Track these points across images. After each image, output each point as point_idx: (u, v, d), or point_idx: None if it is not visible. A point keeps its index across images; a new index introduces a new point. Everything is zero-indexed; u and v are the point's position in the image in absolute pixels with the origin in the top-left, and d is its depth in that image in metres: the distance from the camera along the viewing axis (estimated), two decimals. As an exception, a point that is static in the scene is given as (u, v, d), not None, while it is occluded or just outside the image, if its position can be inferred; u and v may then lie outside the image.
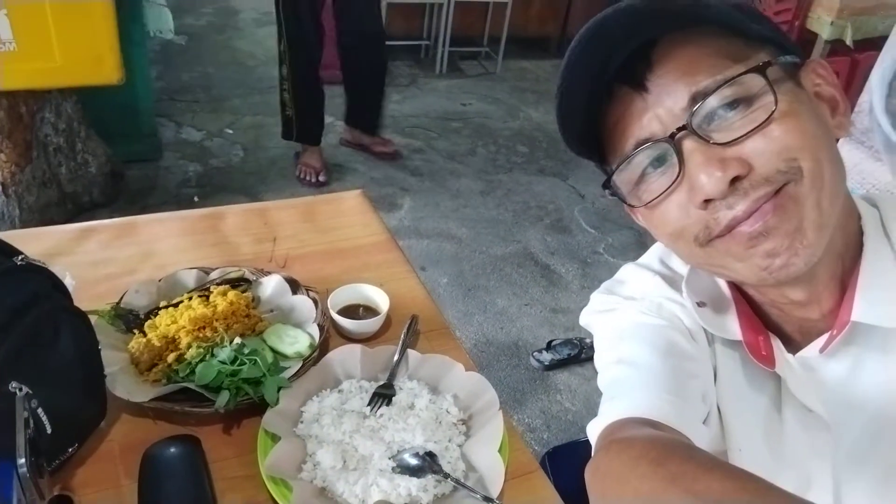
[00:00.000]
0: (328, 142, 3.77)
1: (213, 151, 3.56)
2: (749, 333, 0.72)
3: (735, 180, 0.60)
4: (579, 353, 2.38)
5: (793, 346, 0.72)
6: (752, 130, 0.59)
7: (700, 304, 0.75)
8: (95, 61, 2.26)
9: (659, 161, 0.64)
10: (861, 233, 0.69)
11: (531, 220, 3.29)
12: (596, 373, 0.76)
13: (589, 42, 0.62)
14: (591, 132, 0.70)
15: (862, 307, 0.65)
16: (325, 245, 1.28)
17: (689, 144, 0.61)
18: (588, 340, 2.39)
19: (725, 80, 0.60)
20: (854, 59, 3.58)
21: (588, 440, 0.69)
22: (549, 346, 2.43)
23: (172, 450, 0.83)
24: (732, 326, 0.73)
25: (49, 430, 0.72)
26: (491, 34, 5.15)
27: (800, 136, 0.60)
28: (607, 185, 0.70)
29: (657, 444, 0.60)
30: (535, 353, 2.42)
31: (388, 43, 3.90)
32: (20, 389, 0.68)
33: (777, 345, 0.72)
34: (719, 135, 0.61)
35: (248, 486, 0.81)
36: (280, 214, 1.36)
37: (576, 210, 3.40)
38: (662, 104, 0.62)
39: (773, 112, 0.59)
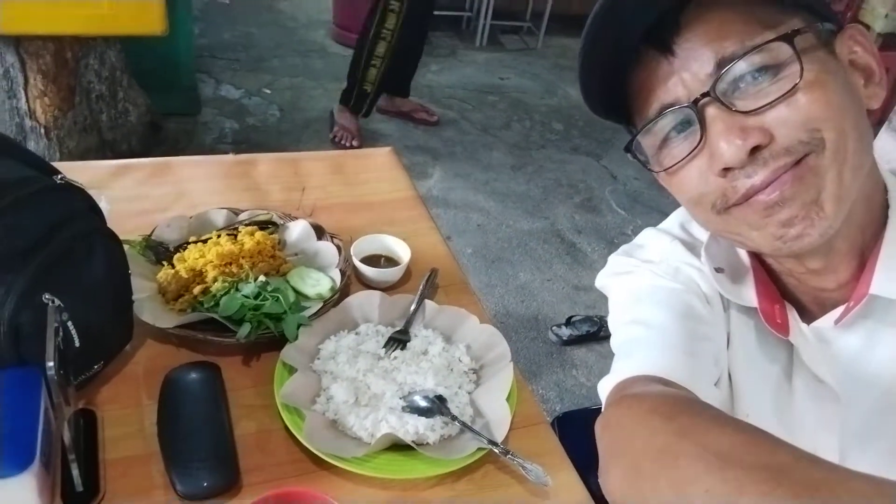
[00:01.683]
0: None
1: (250, 110, 3.60)
2: (765, 301, 0.72)
3: (755, 150, 0.60)
4: (598, 331, 2.38)
5: (808, 316, 0.72)
6: (775, 99, 0.59)
7: (718, 270, 0.75)
8: (140, 11, 2.30)
9: (682, 126, 0.64)
10: (887, 206, 0.69)
11: (561, 197, 3.28)
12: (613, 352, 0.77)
13: (616, 3, 0.61)
14: (615, 95, 0.70)
15: (881, 280, 0.65)
16: (352, 198, 1.30)
17: (711, 111, 0.61)
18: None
19: (753, 47, 0.59)
20: (907, 54, 3.48)
21: (598, 408, 0.70)
22: (568, 322, 2.44)
23: (193, 374, 0.86)
24: (749, 293, 0.73)
25: (77, 344, 0.75)
26: (534, 9, 5.10)
27: (824, 107, 0.59)
28: (629, 148, 0.70)
29: (668, 400, 0.61)
30: (553, 328, 2.43)
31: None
32: (53, 301, 0.71)
33: (792, 314, 0.72)
34: (743, 102, 0.60)
35: (263, 415, 0.84)
36: (310, 165, 1.39)
37: (607, 190, 3.38)
38: (688, 69, 0.62)
39: (798, 82, 0.58)
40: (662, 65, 0.64)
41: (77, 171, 0.84)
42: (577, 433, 0.86)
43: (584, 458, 0.81)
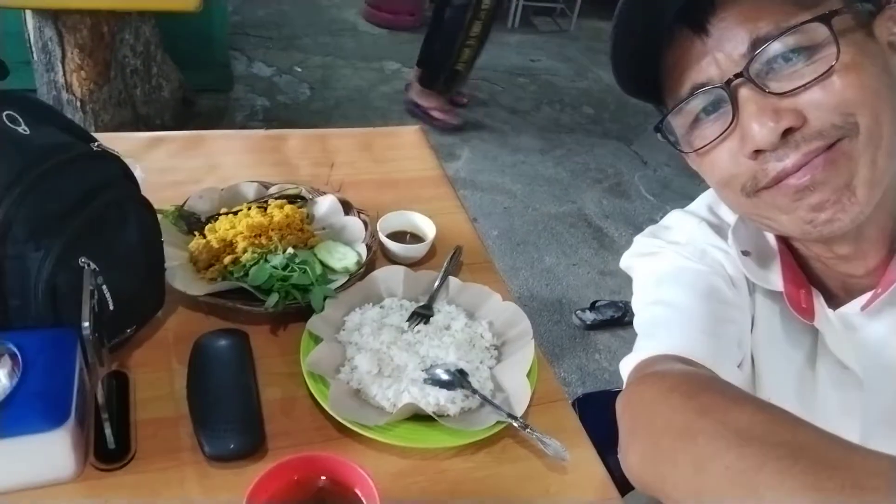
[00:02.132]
0: (393, 87, 3.80)
1: (281, 88, 3.63)
2: (791, 286, 0.72)
3: (788, 132, 0.59)
4: (623, 316, 2.38)
5: (834, 302, 0.72)
6: (810, 82, 0.58)
7: (745, 253, 0.75)
8: (176, -13, 2.33)
9: (713, 107, 0.64)
10: None
11: (589, 181, 3.26)
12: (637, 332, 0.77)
13: None
14: (647, 74, 0.69)
15: None
16: (380, 175, 1.32)
17: (744, 92, 0.60)
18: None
19: (788, 28, 0.58)
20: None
21: (619, 390, 0.70)
22: (592, 306, 2.44)
23: (222, 341, 0.88)
24: (775, 277, 0.73)
25: (111, 307, 0.77)
26: (568, -9, 5.04)
27: (860, 91, 0.58)
28: (659, 127, 0.70)
29: (689, 378, 0.61)
30: (577, 312, 2.43)
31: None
32: (88, 265, 0.74)
33: (818, 299, 0.72)
34: (777, 84, 0.59)
35: (289, 383, 0.86)
36: (339, 142, 1.40)
37: (636, 176, 3.35)
38: (722, 48, 0.61)
39: (833, 64, 0.57)
40: (696, 44, 0.63)
41: (112, 142, 0.85)
42: (598, 414, 0.87)
43: (604, 439, 0.81)
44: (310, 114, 3.44)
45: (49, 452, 0.70)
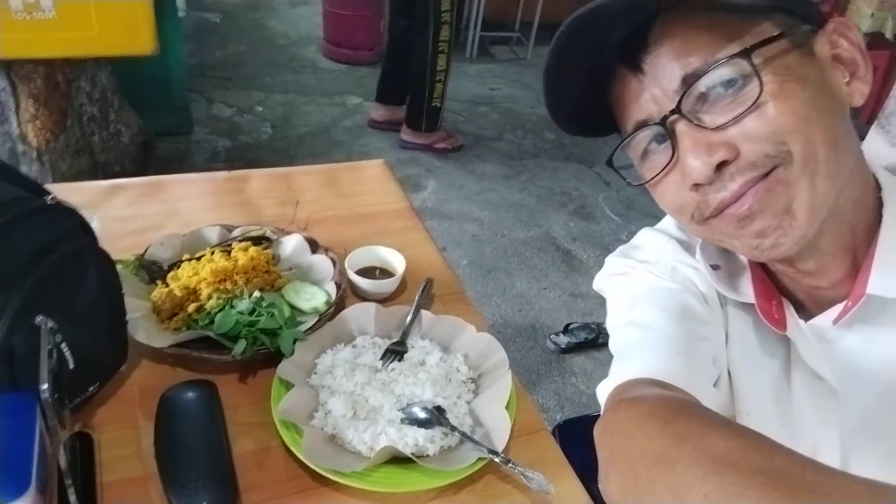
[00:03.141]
0: (355, 122, 3.80)
1: (242, 128, 3.61)
2: (762, 297, 0.72)
3: (722, 165, 0.60)
4: (596, 338, 2.38)
5: (805, 313, 0.72)
6: (739, 114, 0.59)
7: (714, 267, 0.75)
8: (131, 32, 2.30)
9: (661, 138, 0.65)
10: (880, 204, 0.68)
11: (555, 205, 3.29)
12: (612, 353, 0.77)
13: (584, 22, 0.60)
14: (588, 109, 0.70)
15: (878, 280, 0.64)
16: (346, 210, 1.30)
17: (680, 127, 0.62)
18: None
19: (715, 62, 0.59)
20: (894, 52, 3.50)
21: (598, 415, 0.69)
22: (566, 330, 2.44)
23: (189, 393, 0.85)
24: (746, 289, 0.73)
25: (71, 366, 0.74)
26: (523, 19, 5.13)
27: (790, 119, 0.59)
28: (610, 161, 0.71)
29: (665, 403, 0.61)
30: (552, 336, 2.42)
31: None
32: (46, 323, 0.71)
33: (789, 310, 0.72)
34: (710, 117, 0.61)
35: (261, 433, 0.83)
36: (303, 179, 1.38)
37: (600, 197, 3.39)
38: (658, 85, 0.62)
39: (758, 96, 0.58)
40: (633, 82, 0.64)
41: (69, 193, 0.83)
42: (578, 440, 0.85)
43: (586, 466, 0.80)
44: (272, 152, 3.42)
45: (9, 524, 0.66)
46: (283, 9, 5.49)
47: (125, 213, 1.22)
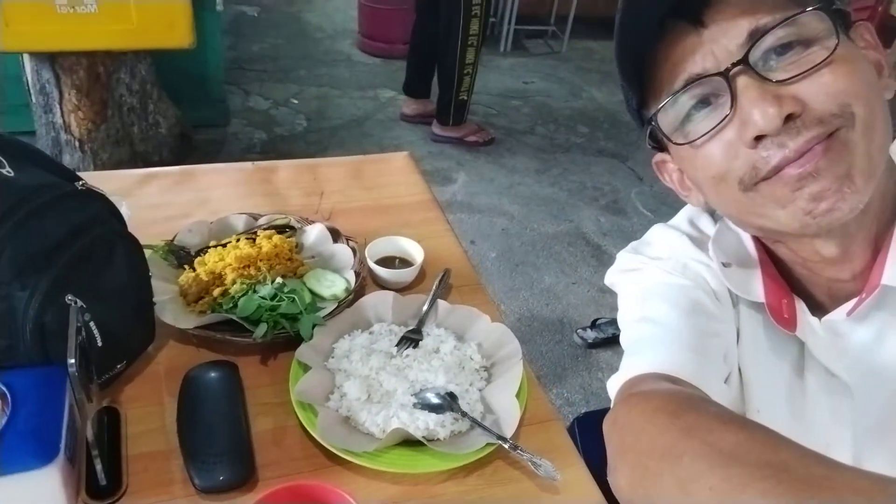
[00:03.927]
0: (388, 115, 3.84)
1: (278, 120, 3.67)
2: (772, 296, 0.72)
3: (788, 119, 0.58)
4: (624, 333, 2.36)
5: (819, 309, 0.72)
6: (809, 70, 0.59)
7: (725, 265, 0.75)
8: (169, 26, 2.37)
9: (704, 102, 0.63)
10: None
11: (586, 200, 3.27)
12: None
13: None
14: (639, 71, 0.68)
15: (893, 271, 0.64)
16: (369, 201, 1.33)
17: (743, 80, 0.60)
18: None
19: (786, 18, 0.59)
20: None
21: None
22: (593, 325, 2.43)
23: (212, 373, 0.88)
24: (756, 288, 0.73)
25: (99, 343, 0.78)
26: (558, 13, 5.10)
27: (857, 82, 0.59)
28: (653, 119, 0.68)
29: (675, 398, 0.61)
30: (578, 331, 2.42)
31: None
32: (75, 302, 0.75)
33: (801, 307, 0.71)
34: (775, 73, 0.60)
35: (280, 412, 0.86)
36: (329, 171, 1.41)
37: (633, 192, 3.36)
38: (718, 41, 0.61)
39: (831, 54, 0.58)
40: (691, 37, 0.62)
41: (105, 180, 0.87)
42: (599, 434, 0.86)
43: (604, 459, 0.81)
44: (306, 144, 3.47)
45: (39, 490, 0.70)
46: (320, 2, 5.55)
47: (158, 201, 1.26)
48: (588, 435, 1.20)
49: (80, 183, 0.80)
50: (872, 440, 0.69)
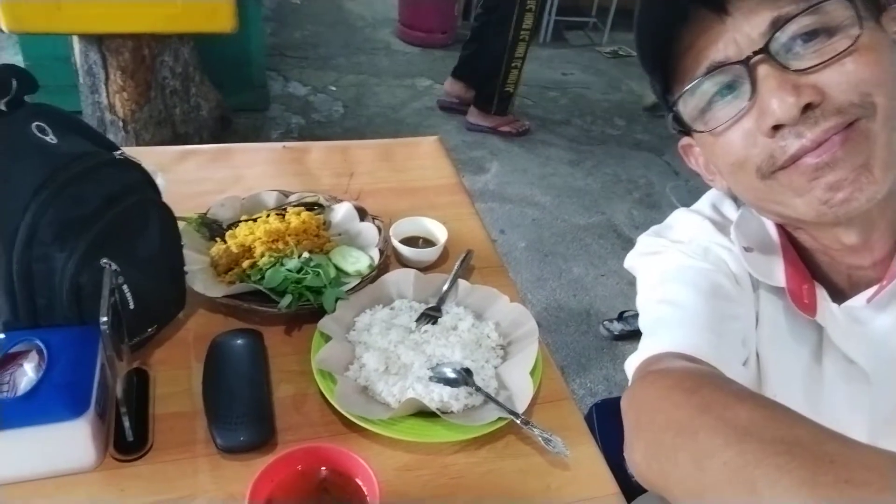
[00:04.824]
0: (424, 104, 3.85)
1: (315, 106, 3.72)
2: (793, 281, 0.72)
3: (807, 108, 0.59)
4: (651, 326, 2.35)
5: (840, 296, 0.72)
6: (830, 59, 0.58)
7: (747, 249, 0.75)
8: (212, 10, 2.42)
9: (728, 89, 0.64)
10: None
11: (619, 193, 3.25)
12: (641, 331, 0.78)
13: None
14: (662, 57, 0.69)
15: None
16: (397, 183, 1.35)
17: (763, 69, 0.61)
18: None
19: (809, 6, 0.59)
20: None
21: None
22: (620, 317, 2.43)
23: (238, 340, 0.92)
24: (777, 273, 0.73)
25: (132, 306, 0.82)
26: (600, 4, 5.05)
27: (879, 72, 0.58)
28: (675, 104, 0.69)
29: (691, 375, 0.61)
30: (605, 322, 2.42)
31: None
32: (109, 265, 0.78)
33: (821, 294, 0.71)
34: (796, 62, 0.60)
35: (301, 380, 0.89)
36: (360, 153, 1.44)
37: (668, 187, 3.33)
38: (741, 28, 0.62)
39: (855, 41, 0.58)
40: (715, 24, 0.63)
41: (145, 155, 0.91)
42: (616, 419, 0.87)
43: (622, 443, 0.82)
44: (343, 131, 3.51)
45: (70, 441, 0.74)
46: (362, -10, 5.60)
47: (194, 177, 1.30)
48: (605, 421, 1.21)
49: (119, 153, 0.84)
50: (889, 427, 0.69)
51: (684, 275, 0.76)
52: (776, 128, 0.61)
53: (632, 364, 0.73)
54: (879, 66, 0.59)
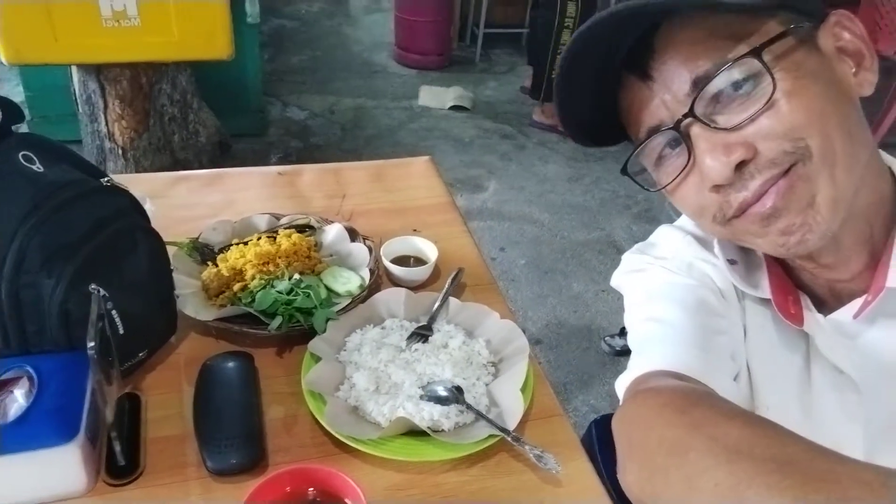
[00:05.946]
0: (421, 125, 3.87)
1: (314, 130, 3.75)
2: (778, 292, 0.72)
3: (742, 164, 0.60)
4: (652, 341, 2.34)
5: (825, 307, 0.72)
6: (754, 113, 0.59)
7: (731, 262, 0.75)
8: (208, 37, 2.45)
9: (675, 142, 0.65)
10: None
11: (618, 208, 3.26)
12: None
13: (592, 31, 0.62)
14: (598, 118, 0.71)
15: None
16: (389, 203, 1.36)
17: (695, 130, 0.62)
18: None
19: (724, 64, 0.59)
20: None
21: None
22: (622, 332, 2.42)
23: (228, 363, 0.92)
24: (763, 284, 0.73)
25: (121, 331, 0.82)
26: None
27: (805, 114, 0.59)
28: (625, 170, 0.72)
29: (682, 393, 0.62)
30: (606, 338, 2.41)
31: (487, 31, 4.01)
32: (98, 291, 0.79)
33: (806, 303, 0.72)
34: (724, 118, 0.61)
35: (292, 402, 0.89)
36: (352, 174, 1.45)
37: (667, 202, 3.31)
38: (668, 90, 0.63)
39: (771, 94, 0.58)
40: (642, 89, 0.65)
41: (140, 182, 0.92)
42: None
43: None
44: (341, 153, 3.53)
45: (61, 466, 0.74)
46: (359, 15, 5.66)
47: (187, 201, 1.31)
48: (606, 436, 1.21)
49: (106, 179, 0.85)
50: (885, 438, 0.69)
51: (669, 292, 0.76)
52: (717, 186, 0.62)
53: (622, 383, 0.73)
54: (807, 108, 0.59)
